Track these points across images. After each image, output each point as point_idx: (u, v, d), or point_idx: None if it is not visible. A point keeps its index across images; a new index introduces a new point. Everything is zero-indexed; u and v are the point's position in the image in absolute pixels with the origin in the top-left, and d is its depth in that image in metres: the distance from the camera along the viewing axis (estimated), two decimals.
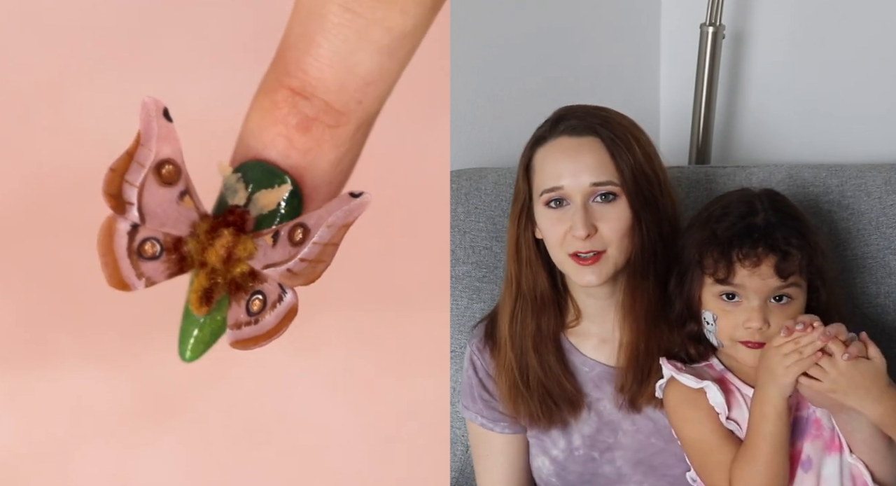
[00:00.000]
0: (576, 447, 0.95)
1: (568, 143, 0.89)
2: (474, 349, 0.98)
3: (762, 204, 0.88)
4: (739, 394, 0.88)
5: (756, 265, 0.84)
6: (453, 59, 1.10)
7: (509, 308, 0.94)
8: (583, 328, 0.95)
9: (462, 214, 1.08)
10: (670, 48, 1.35)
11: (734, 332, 0.86)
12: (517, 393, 0.93)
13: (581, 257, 0.88)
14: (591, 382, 0.94)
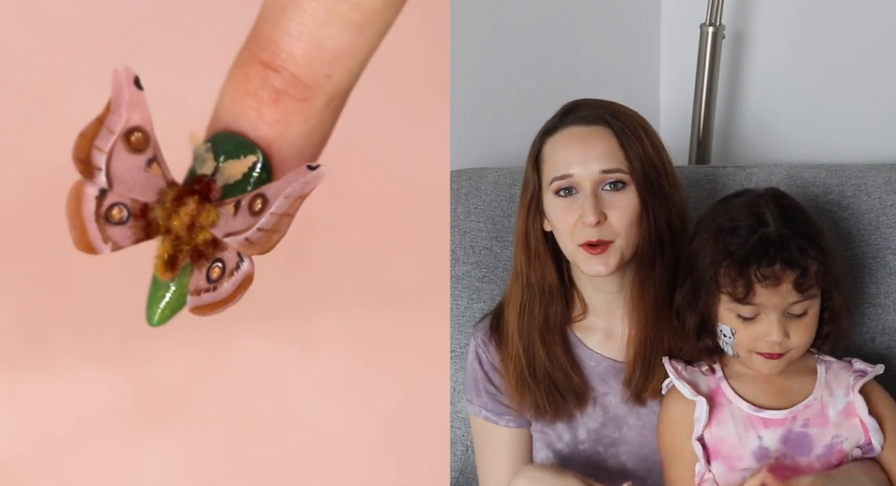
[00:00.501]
0: (581, 441, 0.95)
1: (578, 131, 0.90)
2: (479, 342, 0.98)
3: (771, 212, 0.87)
4: (728, 409, 0.87)
5: (776, 285, 0.83)
6: (453, 59, 1.10)
7: (518, 300, 0.94)
8: (589, 323, 0.95)
9: (462, 214, 1.08)
10: (670, 48, 1.35)
11: (754, 344, 0.86)
12: (524, 385, 0.93)
13: (591, 245, 0.88)
14: (597, 376, 0.94)
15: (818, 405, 0.87)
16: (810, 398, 0.87)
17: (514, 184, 1.08)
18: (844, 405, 0.87)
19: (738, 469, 0.86)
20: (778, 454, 0.86)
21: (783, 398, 0.88)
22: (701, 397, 0.87)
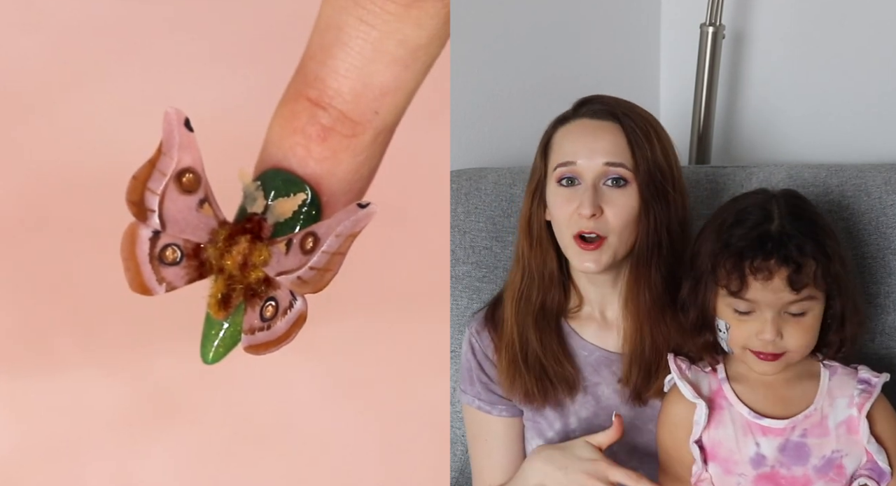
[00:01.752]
0: (572, 429, 0.95)
1: (588, 124, 0.91)
2: (473, 332, 0.98)
3: (779, 209, 0.86)
4: (728, 412, 0.87)
5: (768, 279, 0.82)
6: (453, 59, 1.10)
7: (516, 285, 0.95)
8: (584, 314, 0.96)
9: (462, 214, 1.08)
10: (670, 48, 1.35)
11: (747, 341, 0.85)
12: (515, 370, 0.94)
13: (585, 239, 0.88)
14: (590, 366, 0.95)
15: (818, 415, 0.86)
16: (811, 409, 0.86)
17: (514, 184, 1.08)
18: (846, 418, 0.86)
19: (735, 473, 0.86)
20: (774, 462, 0.85)
21: (784, 406, 0.87)
22: (701, 400, 0.86)
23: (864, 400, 0.86)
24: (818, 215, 0.89)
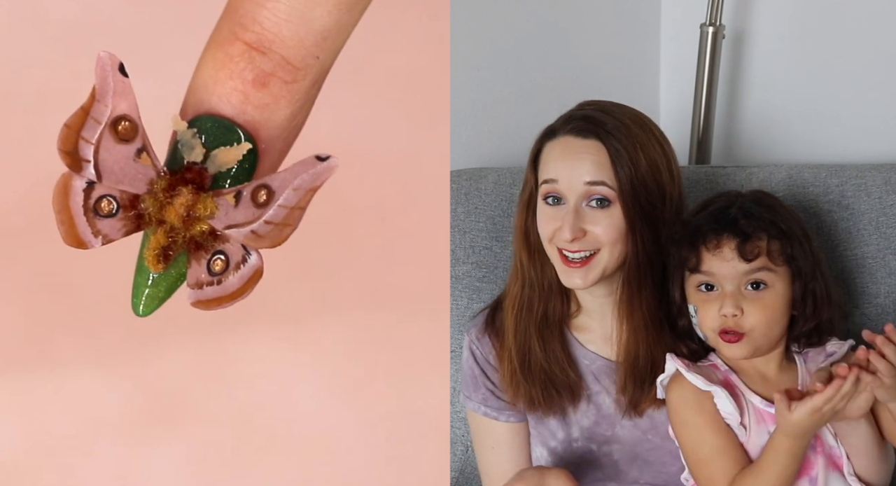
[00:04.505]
0: (574, 438, 0.95)
1: (572, 143, 0.90)
2: (473, 338, 0.98)
3: (743, 199, 0.89)
4: (744, 400, 0.87)
5: (718, 247, 0.86)
6: (453, 59, 1.10)
7: (517, 296, 0.94)
8: (584, 322, 0.95)
9: (462, 214, 1.08)
10: (670, 48, 1.35)
11: (712, 322, 0.86)
12: (519, 379, 0.94)
13: (570, 259, 0.88)
14: (591, 375, 0.95)
15: None
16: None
17: (513, 184, 1.08)
18: None
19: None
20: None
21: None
22: (716, 386, 0.87)
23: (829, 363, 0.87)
24: (785, 207, 0.91)
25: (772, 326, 0.86)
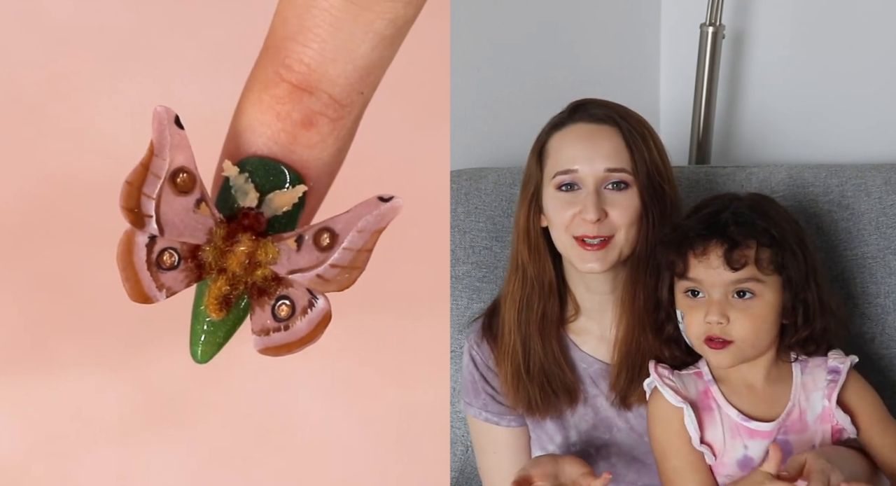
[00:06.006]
0: (572, 442, 0.95)
1: (586, 128, 0.90)
2: (472, 344, 0.98)
3: (739, 202, 0.88)
4: (718, 413, 0.87)
5: (704, 254, 0.84)
6: (453, 59, 1.10)
7: (517, 294, 0.94)
8: (581, 325, 0.95)
9: (462, 214, 1.08)
10: (670, 48, 1.35)
11: (698, 328, 0.85)
12: (518, 379, 0.94)
13: (588, 242, 0.88)
14: (589, 378, 0.95)
15: (797, 411, 0.86)
16: (789, 405, 0.86)
17: (514, 184, 1.08)
18: (822, 410, 0.87)
19: (722, 475, 0.86)
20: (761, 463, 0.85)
21: (768, 406, 0.87)
22: (685, 403, 0.86)
23: (831, 389, 0.87)
24: (781, 212, 0.90)
25: (760, 335, 0.85)
